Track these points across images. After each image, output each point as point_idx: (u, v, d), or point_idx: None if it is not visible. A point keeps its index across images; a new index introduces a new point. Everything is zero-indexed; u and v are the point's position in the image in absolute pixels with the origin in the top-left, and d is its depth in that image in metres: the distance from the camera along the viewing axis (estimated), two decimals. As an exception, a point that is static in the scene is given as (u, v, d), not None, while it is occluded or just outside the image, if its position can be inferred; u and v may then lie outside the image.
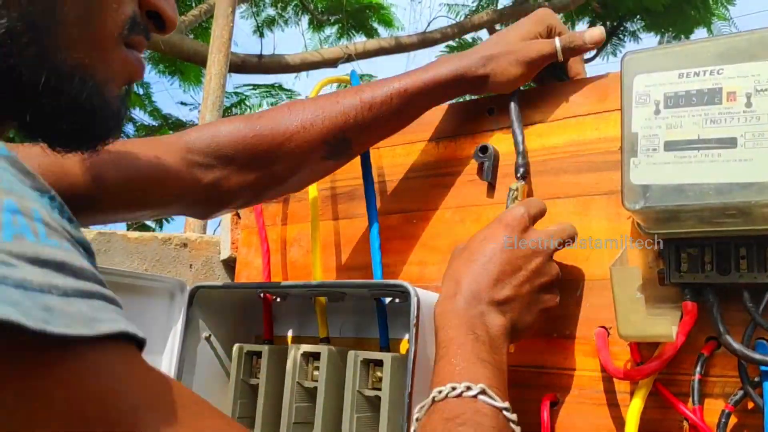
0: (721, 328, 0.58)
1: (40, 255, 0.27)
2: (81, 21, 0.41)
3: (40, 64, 0.40)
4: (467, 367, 0.54)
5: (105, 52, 0.43)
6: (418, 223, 0.82)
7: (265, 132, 0.72)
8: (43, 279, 0.26)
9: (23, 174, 0.30)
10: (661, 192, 0.54)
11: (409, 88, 0.73)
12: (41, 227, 0.28)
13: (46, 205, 0.30)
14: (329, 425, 0.74)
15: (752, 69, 0.52)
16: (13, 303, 0.24)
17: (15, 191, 0.28)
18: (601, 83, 0.72)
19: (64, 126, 0.43)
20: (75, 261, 0.28)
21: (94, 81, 0.43)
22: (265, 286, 0.83)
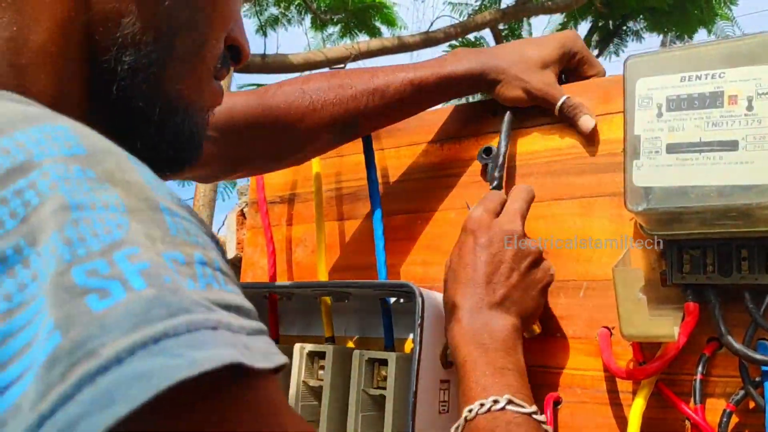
0: (723, 328, 0.58)
1: (225, 301, 0.29)
2: (191, 57, 0.45)
3: (154, 97, 0.44)
4: (488, 380, 0.56)
5: (202, 84, 0.48)
6: (422, 224, 0.83)
7: (277, 109, 0.75)
8: (235, 322, 0.29)
9: (199, 222, 0.33)
10: (664, 194, 0.55)
11: (424, 81, 0.74)
12: (221, 276, 0.30)
13: (218, 251, 0.33)
14: (334, 424, 0.75)
15: (754, 73, 0.53)
16: (233, 345, 0.27)
17: (200, 244, 0.31)
18: (604, 85, 0.73)
19: (169, 153, 0.47)
20: (246, 303, 0.31)
21: (193, 110, 0.47)
22: (270, 286, 0.84)
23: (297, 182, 0.96)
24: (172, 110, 0.45)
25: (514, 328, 0.60)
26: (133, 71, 0.42)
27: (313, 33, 7.53)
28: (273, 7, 7.37)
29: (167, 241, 0.29)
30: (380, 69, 0.77)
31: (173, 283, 0.27)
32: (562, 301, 0.69)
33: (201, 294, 0.28)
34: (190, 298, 0.27)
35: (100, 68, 0.41)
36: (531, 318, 0.64)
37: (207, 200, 2.53)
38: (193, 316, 0.27)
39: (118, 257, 0.27)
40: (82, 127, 0.31)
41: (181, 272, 0.28)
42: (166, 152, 0.46)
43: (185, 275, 0.28)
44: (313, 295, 0.84)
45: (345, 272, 0.88)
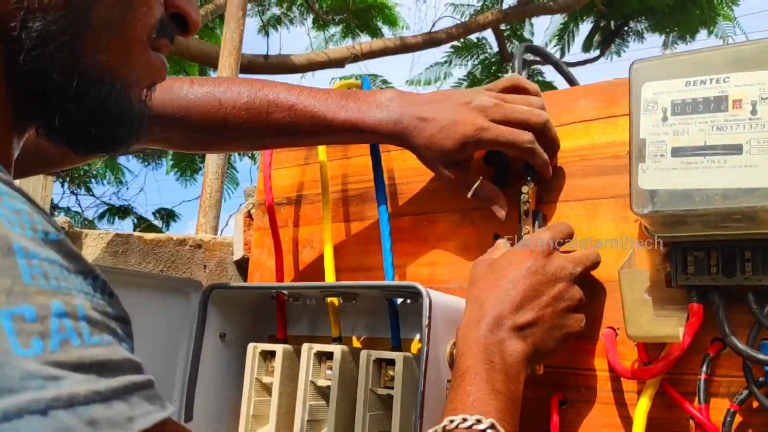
0: (727, 329, 0.59)
1: (84, 359, 0.28)
2: (113, 25, 0.41)
3: (71, 68, 0.40)
4: (480, 398, 0.56)
5: (132, 55, 0.43)
6: (428, 225, 0.84)
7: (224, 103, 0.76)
8: (87, 388, 0.27)
9: (70, 259, 0.31)
10: (669, 197, 0.56)
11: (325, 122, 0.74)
12: (85, 326, 0.29)
13: (89, 291, 0.31)
14: (342, 423, 0.76)
15: (758, 78, 0.53)
16: (65, 430, 0.26)
17: (62, 289, 0.29)
18: (608, 88, 0.74)
19: (91, 130, 0.43)
20: (114, 355, 0.30)
21: (121, 85, 0.43)
22: (279, 287, 0.85)
23: (304, 184, 0.97)
24: (94, 83, 0.41)
25: (525, 356, 0.60)
26: (43, 39, 0.38)
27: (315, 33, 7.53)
28: (275, 7, 7.38)
29: (15, 292, 0.27)
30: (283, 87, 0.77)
31: (2, 354, 0.25)
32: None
33: (46, 357, 0.27)
34: (21, 370, 0.26)
35: (5, 37, 0.37)
36: (543, 356, 0.63)
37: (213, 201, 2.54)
38: (18, 397, 0.25)
39: None
40: None
41: (25, 332, 0.26)
42: (88, 129, 0.43)
43: (30, 335, 0.27)
44: (320, 295, 0.85)
45: (352, 273, 0.89)
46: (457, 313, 0.70)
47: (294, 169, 0.98)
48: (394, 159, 0.88)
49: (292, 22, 7.52)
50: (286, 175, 0.99)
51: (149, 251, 0.94)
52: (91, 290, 0.31)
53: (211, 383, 0.85)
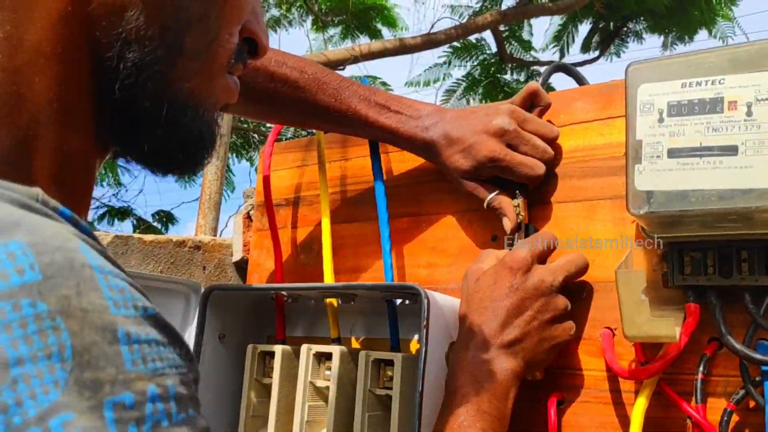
0: (723, 329, 0.59)
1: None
2: (200, 54, 0.43)
3: (161, 95, 0.41)
4: (467, 420, 0.59)
5: (214, 81, 0.45)
6: (427, 227, 0.84)
7: None
8: None
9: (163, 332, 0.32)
10: (665, 198, 0.56)
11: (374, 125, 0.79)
12: (173, 406, 0.30)
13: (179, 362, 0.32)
14: (341, 424, 0.76)
15: (753, 79, 0.54)
16: None
17: (157, 371, 0.30)
18: (605, 90, 0.74)
19: (178, 155, 0.45)
20: (195, 429, 0.31)
21: (203, 109, 0.44)
22: (278, 288, 0.85)
23: (303, 185, 0.97)
24: (181, 110, 0.42)
25: (514, 373, 0.63)
26: (138, 69, 0.39)
27: (314, 35, 7.54)
28: (274, 8, 7.39)
29: (119, 380, 0.28)
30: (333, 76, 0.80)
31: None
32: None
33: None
34: None
35: (102, 67, 0.39)
36: (535, 367, 0.66)
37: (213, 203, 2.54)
38: None
39: (53, 424, 0.26)
40: (42, 237, 0.29)
41: (124, 420, 0.28)
42: (175, 154, 0.45)
43: (128, 423, 0.28)
44: (319, 296, 0.85)
45: (351, 274, 0.89)
46: (455, 313, 0.70)
47: (293, 170, 0.99)
48: (393, 161, 0.89)
49: (291, 23, 7.52)
50: (285, 176, 0.99)
51: (149, 253, 0.95)
52: (180, 361, 0.32)
53: (211, 384, 0.85)
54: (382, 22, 7.33)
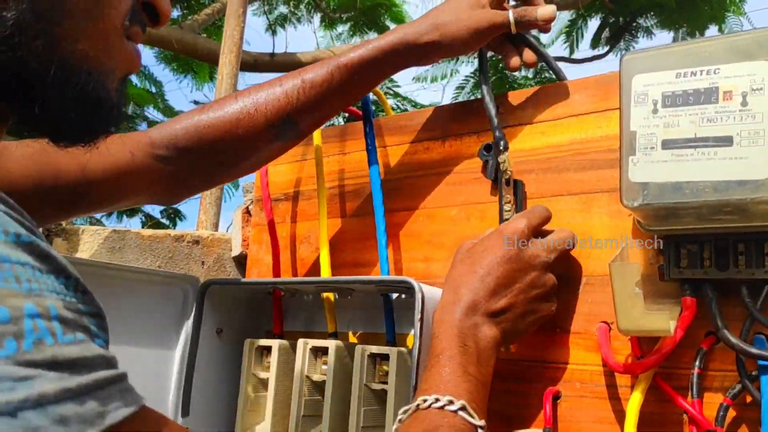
0: (720, 322, 0.59)
1: (57, 357, 0.29)
2: (88, 13, 0.42)
3: (49, 56, 0.40)
4: (453, 380, 0.58)
5: (108, 43, 0.44)
6: (424, 221, 0.84)
7: (215, 121, 0.75)
8: (58, 386, 0.29)
9: (41, 260, 0.32)
10: (659, 190, 0.56)
11: (349, 63, 0.75)
12: (58, 326, 0.30)
13: (62, 290, 0.32)
14: (337, 418, 0.76)
15: (748, 69, 0.53)
16: (34, 429, 0.27)
17: (34, 291, 0.30)
18: (602, 82, 0.73)
19: (71, 118, 0.43)
20: (87, 352, 0.31)
21: (99, 72, 0.44)
22: (275, 283, 0.85)
23: (301, 180, 0.97)
24: (72, 71, 0.42)
25: (496, 341, 0.62)
26: (19, 27, 0.38)
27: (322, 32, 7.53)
28: (282, 5, 7.38)
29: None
30: (310, 65, 0.77)
31: None
32: (561, 297, 0.70)
33: (19, 357, 0.28)
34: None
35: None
36: (513, 338, 0.65)
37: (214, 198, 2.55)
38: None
39: None
40: None
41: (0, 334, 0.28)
42: (69, 118, 0.43)
43: (4, 336, 0.28)
44: (316, 291, 0.85)
45: (348, 268, 0.89)
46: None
47: (291, 165, 0.98)
48: (390, 155, 0.88)
49: (299, 20, 7.52)
50: (284, 171, 0.99)
51: (146, 247, 0.95)
52: (63, 289, 0.32)
53: (208, 378, 0.85)
54: (390, 18, 7.31)
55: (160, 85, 7.58)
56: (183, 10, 6.40)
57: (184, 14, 6.32)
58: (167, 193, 0.78)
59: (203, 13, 5.53)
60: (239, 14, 1.99)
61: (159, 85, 7.58)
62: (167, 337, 0.86)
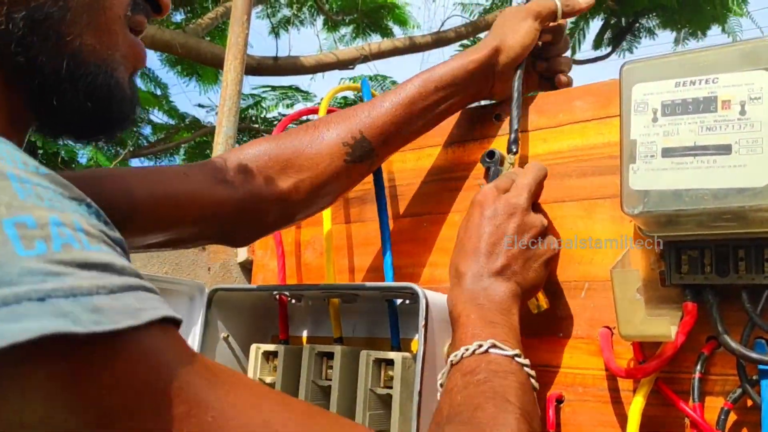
0: (720, 327, 0.59)
1: (88, 260, 0.29)
2: (90, 6, 0.44)
3: (60, 52, 0.42)
4: (477, 329, 0.59)
5: (113, 35, 0.46)
6: (428, 226, 0.85)
7: (286, 145, 0.74)
8: (91, 282, 0.29)
9: (62, 187, 0.32)
10: (659, 197, 0.56)
11: (423, 91, 0.75)
12: (83, 236, 0.30)
13: (84, 214, 0.32)
14: (343, 422, 0.77)
15: (746, 78, 0.54)
16: (63, 314, 0.27)
17: (56, 207, 0.30)
18: (603, 89, 0.74)
19: (86, 110, 0.45)
20: (116, 261, 0.31)
21: (107, 64, 0.45)
22: (280, 288, 0.86)
23: (306, 186, 0.98)
24: (81, 64, 0.43)
25: (513, 293, 0.62)
26: (30, 27, 0.40)
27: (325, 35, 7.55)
28: (285, 8, 7.40)
29: (14, 205, 0.29)
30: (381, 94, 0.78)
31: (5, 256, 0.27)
32: (564, 302, 0.71)
33: (49, 257, 0.28)
34: (21, 268, 0.27)
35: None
36: (533, 289, 0.66)
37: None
38: (16, 288, 0.27)
39: None
40: None
41: (28, 236, 0.28)
42: (86, 111, 0.45)
43: (33, 238, 0.28)
44: (322, 296, 0.86)
45: (353, 274, 0.90)
46: (454, 313, 0.71)
47: (296, 171, 0.99)
48: (394, 161, 0.89)
49: (302, 23, 7.54)
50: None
51: (153, 254, 0.96)
52: (86, 213, 0.33)
53: (215, 383, 0.86)
54: (393, 20, 7.33)
55: (165, 87, 7.61)
56: (187, 14, 6.42)
57: (188, 18, 6.34)
58: (236, 227, 0.72)
59: (207, 17, 5.55)
60: (243, 21, 2.01)
61: (164, 87, 7.60)
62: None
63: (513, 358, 0.56)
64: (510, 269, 0.63)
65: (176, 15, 6.47)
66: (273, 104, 7.59)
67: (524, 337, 0.62)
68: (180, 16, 6.49)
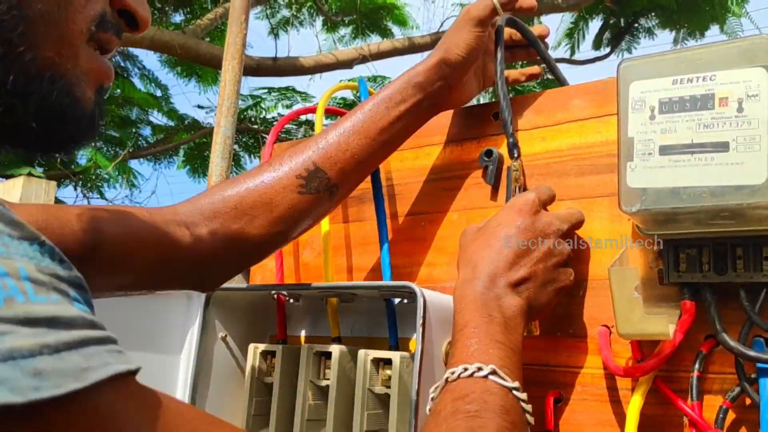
0: (718, 326, 0.59)
1: (31, 314, 0.27)
2: (48, 17, 0.41)
3: (8, 64, 0.39)
4: (480, 348, 0.57)
5: (73, 49, 0.43)
6: (426, 226, 0.85)
7: (239, 188, 0.73)
8: (34, 341, 0.27)
9: (11, 226, 0.31)
10: (657, 195, 0.56)
11: (365, 105, 0.75)
12: (29, 286, 0.28)
13: (36, 255, 0.31)
14: (341, 422, 0.76)
15: (743, 75, 0.54)
16: (1, 381, 0.25)
17: (3, 254, 0.29)
18: (601, 87, 0.74)
19: (35, 127, 0.42)
20: (65, 312, 0.29)
21: (64, 80, 0.42)
22: (278, 288, 0.86)
23: (304, 186, 0.98)
24: (34, 78, 0.40)
25: (522, 310, 0.61)
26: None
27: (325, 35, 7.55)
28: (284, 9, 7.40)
29: None
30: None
31: None
32: (562, 300, 0.71)
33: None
34: None
35: None
36: (539, 312, 0.65)
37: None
38: None
39: None
40: None
41: None
42: (34, 127, 0.42)
43: None
44: (319, 296, 0.86)
45: (351, 273, 0.90)
46: (452, 312, 0.71)
47: (294, 171, 0.99)
48: (392, 160, 0.89)
49: (301, 24, 7.54)
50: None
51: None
52: (37, 255, 0.31)
53: (214, 383, 0.86)
54: (392, 21, 7.32)
55: (165, 88, 7.61)
56: (186, 15, 6.42)
57: (187, 19, 6.34)
58: (198, 273, 0.73)
59: (206, 18, 5.55)
60: (241, 21, 2.01)
61: (164, 88, 7.60)
62: (173, 343, 0.86)
63: (510, 390, 0.55)
64: (526, 285, 0.62)
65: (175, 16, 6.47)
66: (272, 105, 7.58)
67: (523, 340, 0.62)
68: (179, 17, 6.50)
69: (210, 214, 0.72)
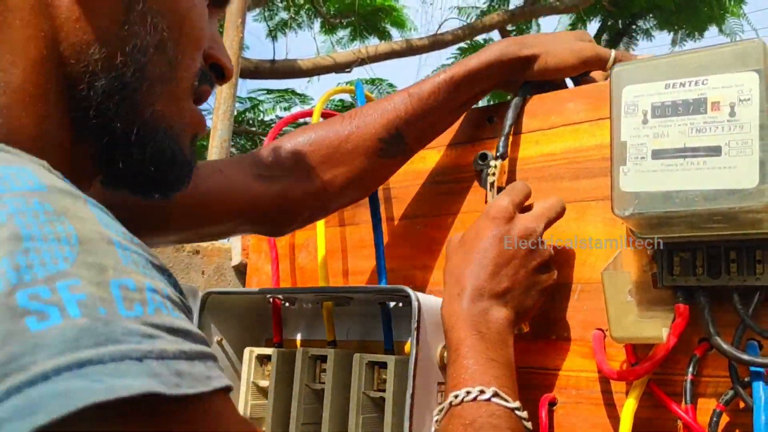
0: (712, 329, 0.59)
1: (173, 325, 0.33)
2: (164, 77, 0.47)
3: (132, 119, 0.46)
4: (479, 369, 0.59)
5: (180, 103, 0.49)
6: (422, 229, 0.85)
7: (321, 139, 0.75)
8: (176, 347, 0.32)
9: (151, 256, 0.36)
10: (650, 199, 0.56)
11: (454, 76, 0.75)
12: (169, 303, 0.34)
13: (167, 283, 0.36)
14: (336, 426, 0.76)
15: (735, 79, 0.54)
16: (155, 375, 0.30)
17: (148, 275, 0.34)
18: (595, 91, 0.74)
19: (149, 173, 0.48)
20: (193, 329, 0.34)
21: (173, 131, 0.49)
22: (274, 292, 0.86)
23: (300, 189, 0.98)
24: (151, 130, 0.47)
25: (509, 321, 0.63)
26: (107, 95, 0.44)
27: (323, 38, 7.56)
28: (283, 11, 7.41)
29: (119, 269, 0.32)
30: (416, 82, 0.78)
31: (108, 314, 0.30)
32: (557, 304, 0.71)
33: (145, 319, 0.31)
34: (124, 327, 0.30)
35: (77, 98, 0.44)
36: (525, 315, 0.66)
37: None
38: (121, 346, 0.29)
39: (60, 286, 0.29)
40: (47, 172, 0.35)
41: (129, 298, 0.31)
42: (149, 172, 0.48)
43: (133, 301, 0.31)
44: (315, 300, 0.86)
45: (347, 277, 0.90)
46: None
47: (290, 174, 0.99)
48: (387, 163, 0.89)
49: (299, 26, 7.55)
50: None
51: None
52: (167, 282, 0.36)
53: (209, 387, 0.86)
54: (390, 23, 7.34)
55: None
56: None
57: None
58: (272, 220, 0.76)
59: (204, 20, 5.55)
60: (237, 24, 2.01)
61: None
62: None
63: (513, 411, 0.57)
64: (511, 293, 0.63)
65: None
66: (270, 107, 7.59)
67: (516, 341, 0.62)
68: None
69: (293, 164, 0.74)
